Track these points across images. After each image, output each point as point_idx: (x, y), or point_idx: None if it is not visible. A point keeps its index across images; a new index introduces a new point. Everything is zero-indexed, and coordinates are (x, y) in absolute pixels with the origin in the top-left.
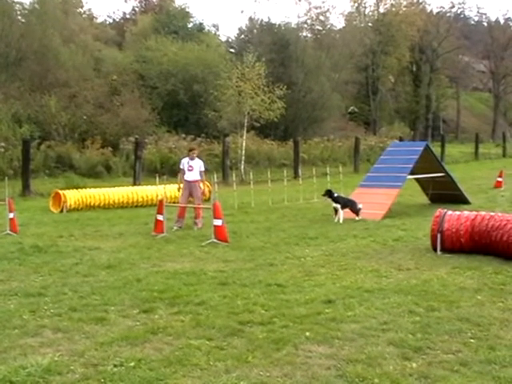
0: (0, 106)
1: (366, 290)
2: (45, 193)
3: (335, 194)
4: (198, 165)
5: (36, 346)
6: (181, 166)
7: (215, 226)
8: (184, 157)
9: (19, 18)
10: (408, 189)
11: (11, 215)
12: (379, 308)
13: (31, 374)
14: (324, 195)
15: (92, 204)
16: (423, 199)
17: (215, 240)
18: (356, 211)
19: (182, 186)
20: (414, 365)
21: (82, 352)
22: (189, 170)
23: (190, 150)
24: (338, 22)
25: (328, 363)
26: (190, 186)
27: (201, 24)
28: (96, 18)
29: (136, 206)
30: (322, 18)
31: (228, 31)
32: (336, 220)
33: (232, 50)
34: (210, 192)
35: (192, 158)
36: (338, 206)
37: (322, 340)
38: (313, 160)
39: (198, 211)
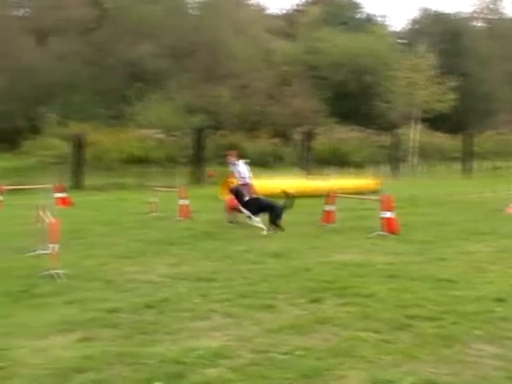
0: (174, 96)
1: None
2: (217, 181)
3: (246, 198)
4: (237, 171)
5: (206, 330)
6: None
7: (385, 218)
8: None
9: (190, 11)
10: None
11: (182, 202)
12: None
13: (201, 356)
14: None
15: (262, 193)
16: None
17: (383, 232)
18: (275, 218)
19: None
20: None
21: (251, 338)
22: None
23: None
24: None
25: (497, 364)
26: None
27: (370, 15)
28: (266, 10)
29: (305, 196)
30: (493, 6)
31: (397, 22)
32: (262, 232)
33: (402, 41)
34: (379, 184)
35: (232, 163)
36: (248, 213)
37: (492, 339)
38: (485, 154)
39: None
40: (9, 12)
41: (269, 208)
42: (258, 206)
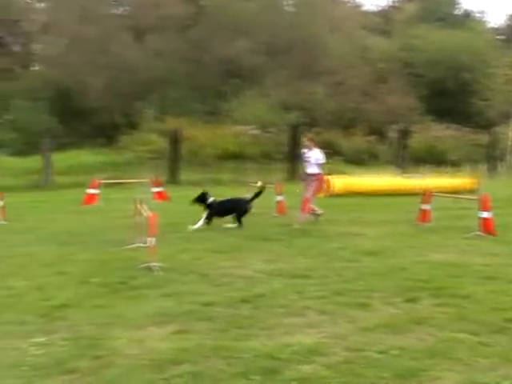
0: (269, 92)
1: None
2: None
3: (210, 199)
4: (315, 157)
5: (301, 326)
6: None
7: (482, 219)
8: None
9: (285, 8)
10: None
11: (279, 198)
12: None
13: (296, 352)
14: (196, 202)
15: (357, 190)
16: None
17: (480, 233)
18: (239, 216)
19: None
20: None
21: (345, 336)
22: (305, 162)
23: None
24: None
25: None
26: (306, 179)
27: (468, 11)
28: (362, 7)
29: (400, 195)
30: None
31: (495, 18)
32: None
33: (500, 38)
34: (475, 183)
35: (308, 148)
36: (205, 215)
37: None
38: None
39: (304, 205)
40: (109, 10)
41: (233, 209)
42: (222, 208)
